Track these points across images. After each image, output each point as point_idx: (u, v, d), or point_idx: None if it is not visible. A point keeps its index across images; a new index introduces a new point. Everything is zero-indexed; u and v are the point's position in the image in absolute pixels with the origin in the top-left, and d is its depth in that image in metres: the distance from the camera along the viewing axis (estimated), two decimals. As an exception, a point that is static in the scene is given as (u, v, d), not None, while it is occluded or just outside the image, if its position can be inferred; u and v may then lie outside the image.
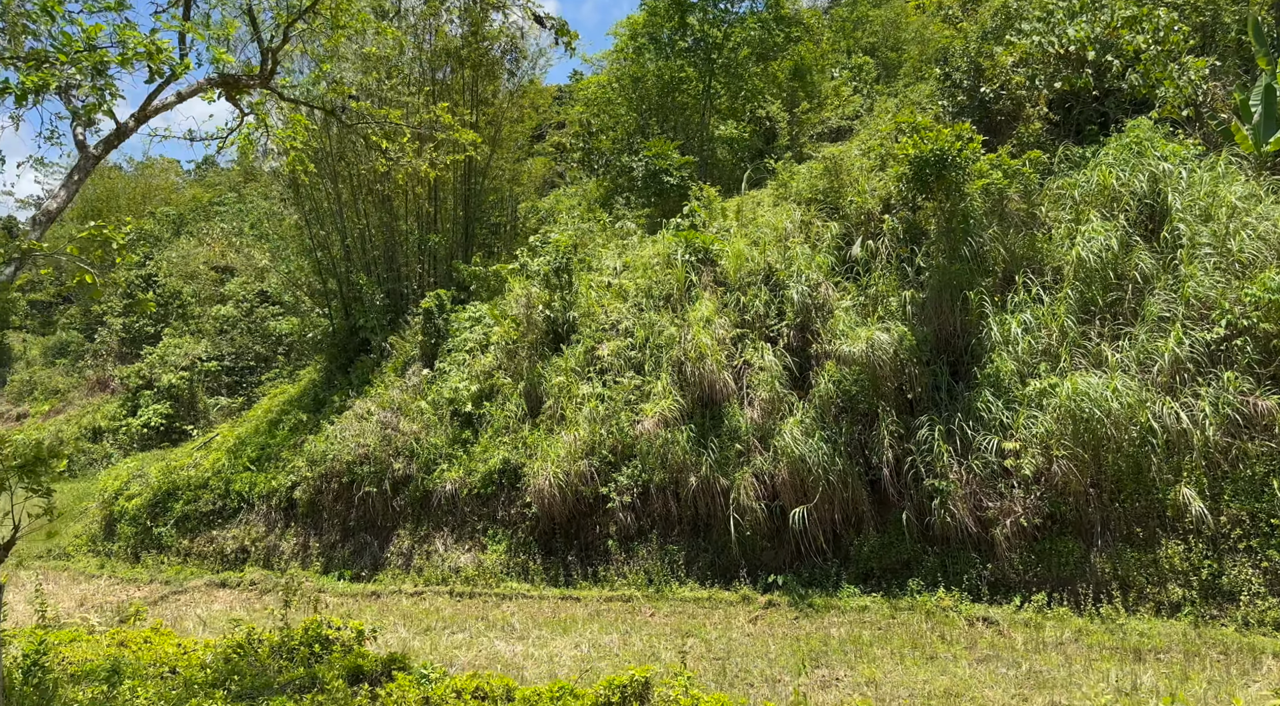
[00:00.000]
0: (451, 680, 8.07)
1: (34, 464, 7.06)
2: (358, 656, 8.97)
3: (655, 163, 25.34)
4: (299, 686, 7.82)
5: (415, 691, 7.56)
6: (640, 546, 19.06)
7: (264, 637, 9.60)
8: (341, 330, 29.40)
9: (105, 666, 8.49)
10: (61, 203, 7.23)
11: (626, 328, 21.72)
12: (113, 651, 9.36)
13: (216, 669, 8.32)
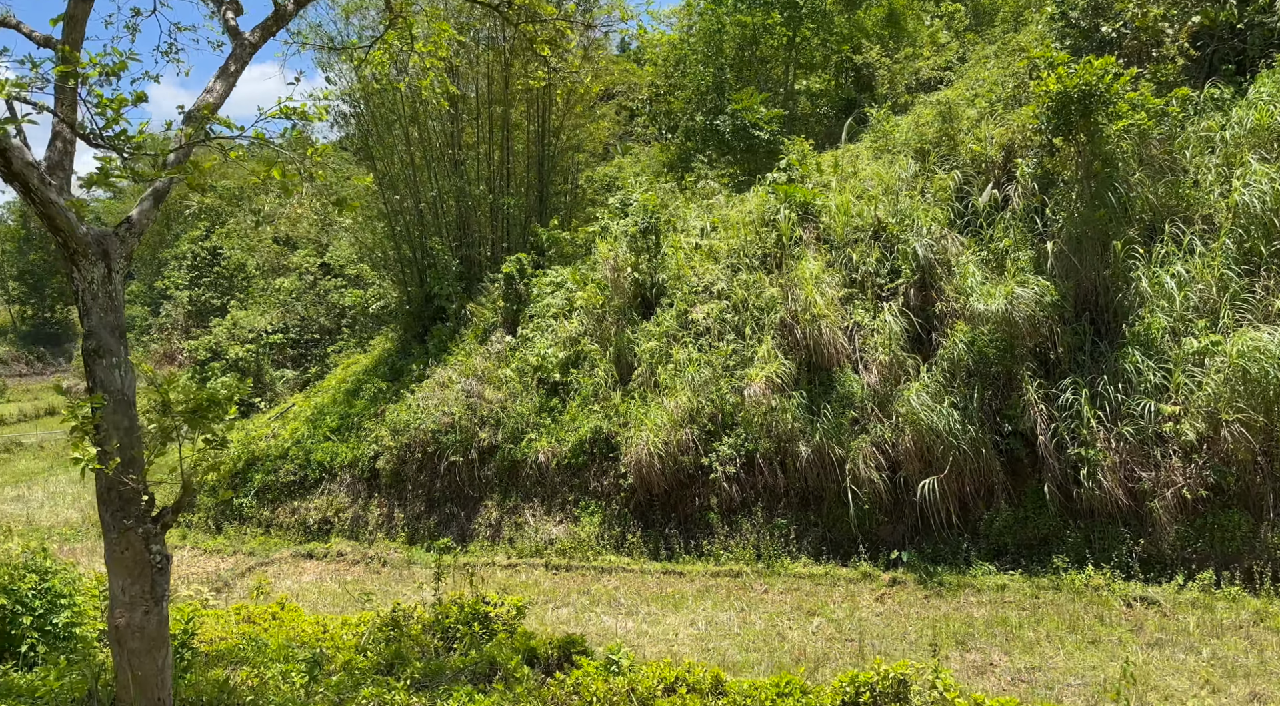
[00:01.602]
0: (647, 668, 7.13)
1: (206, 407, 6.18)
2: (526, 637, 8.09)
3: (744, 116, 23.97)
4: (476, 672, 6.95)
5: (602, 682, 6.60)
6: (744, 519, 18.02)
7: (415, 614, 8.78)
8: (416, 298, 28.66)
9: (244, 646, 7.75)
10: (218, 96, 6.36)
11: (721, 290, 20.55)
12: (244, 628, 8.61)
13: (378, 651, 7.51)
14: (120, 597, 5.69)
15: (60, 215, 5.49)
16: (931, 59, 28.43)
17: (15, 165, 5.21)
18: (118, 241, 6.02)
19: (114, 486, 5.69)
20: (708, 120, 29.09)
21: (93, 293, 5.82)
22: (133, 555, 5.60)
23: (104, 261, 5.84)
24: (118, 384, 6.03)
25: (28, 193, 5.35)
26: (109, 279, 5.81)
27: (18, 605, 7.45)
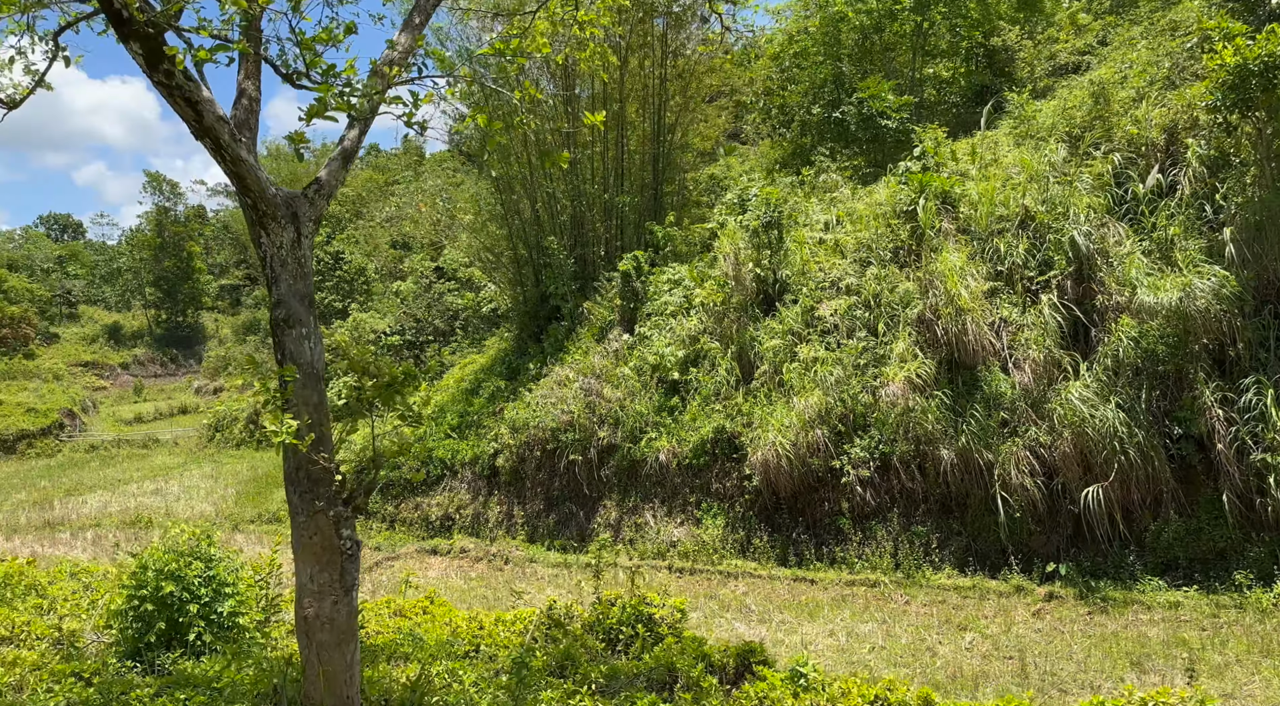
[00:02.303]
0: (842, 683, 6.53)
1: (401, 382, 5.93)
2: (697, 643, 7.62)
3: (871, 105, 23.00)
4: (653, 679, 6.51)
5: (793, 699, 6.05)
6: (878, 526, 17.12)
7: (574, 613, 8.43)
8: (532, 298, 28.72)
9: (401, 640, 7.52)
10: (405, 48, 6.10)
11: (849, 285, 19.67)
12: (397, 622, 8.41)
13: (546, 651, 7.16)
14: (308, 586, 5.41)
15: (250, 174, 5.27)
16: (1070, 42, 26.75)
17: (206, 119, 4.98)
18: (306, 203, 5.74)
19: (303, 466, 5.44)
20: (825, 112, 28.15)
21: (281, 258, 5.54)
22: (321, 540, 5.36)
23: (293, 225, 5.58)
24: (307, 356, 5.71)
25: (218, 149, 5.11)
26: (298, 243, 5.58)
27: (185, 592, 7.41)
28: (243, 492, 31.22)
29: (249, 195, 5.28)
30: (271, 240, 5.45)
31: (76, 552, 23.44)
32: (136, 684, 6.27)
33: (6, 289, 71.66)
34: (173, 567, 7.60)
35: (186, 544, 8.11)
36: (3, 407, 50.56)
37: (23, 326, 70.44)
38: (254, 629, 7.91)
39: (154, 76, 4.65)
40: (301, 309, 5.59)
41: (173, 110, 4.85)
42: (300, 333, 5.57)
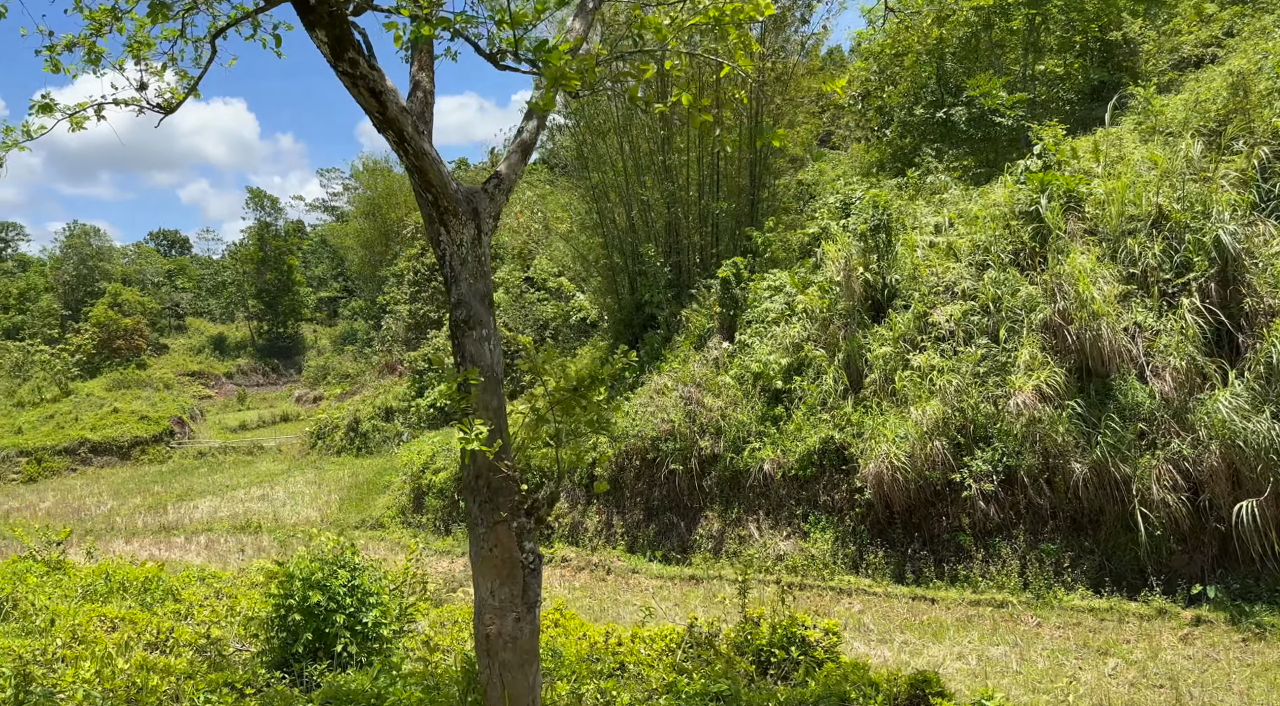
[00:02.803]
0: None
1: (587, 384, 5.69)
2: (860, 669, 7.20)
3: (983, 103, 22.09)
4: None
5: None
6: (1003, 543, 16.25)
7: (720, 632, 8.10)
8: (627, 306, 28.57)
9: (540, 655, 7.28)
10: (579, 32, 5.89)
11: (965, 289, 18.83)
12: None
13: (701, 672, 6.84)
14: (489, 601, 5.06)
15: (432, 168, 5.09)
16: (1194, 33, 25.28)
17: (390, 110, 4.81)
18: (487, 199, 5.55)
19: (483, 474, 5.22)
20: (929, 113, 27.26)
21: (461, 256, 5.34)
22: (502, 553, 5.11)
23: (474, 221, 5.38)
24: (487, 358, 5.48)
25: (401, 142, 4.95)
26: (478, 241, 5.38)
27: (332, 602, 7.33)
28: (346, 499, 31.91)
29: (430, 190, 5.10)
30: (451, 238, 5.25)
31: (190, 556, 24.22)
32: (294, 697, 6.18)
33: (121, 302, 75.46)
34: (318, 576, 7.52)
35: (331, 552, 8.04)
36: (119, 416, 53.14)
37: (136, 338, 74.19)
38: (392, 639, 7.78)
39: (338, 66, 4.52)
40: (482, 309, 5.37)
41: (356, 101, 4.72)
42: (481, 334, 5.35)
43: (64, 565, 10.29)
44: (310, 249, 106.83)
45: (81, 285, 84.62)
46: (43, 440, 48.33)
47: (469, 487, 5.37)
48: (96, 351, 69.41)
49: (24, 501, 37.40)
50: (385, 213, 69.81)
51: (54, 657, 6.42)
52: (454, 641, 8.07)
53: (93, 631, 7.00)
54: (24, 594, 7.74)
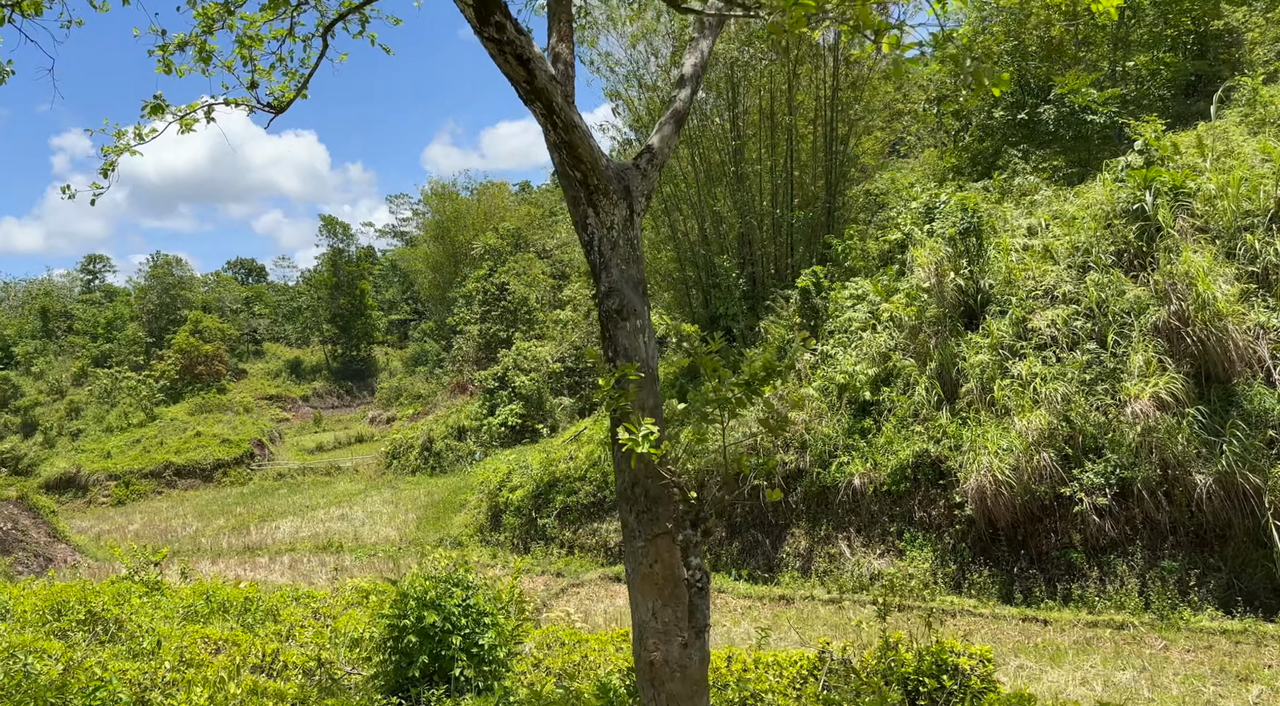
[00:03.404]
0: None
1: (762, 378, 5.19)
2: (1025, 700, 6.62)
3: (1072, 100, 21.16)
4: None
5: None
6: (1118, 560, 15.26)
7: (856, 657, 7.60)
8: (701, 319, 28.10)
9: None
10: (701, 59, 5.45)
11: (1066, 293, 17.91)
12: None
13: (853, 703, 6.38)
14: (650, 624, 4.60)
15: (583, 142, 4.69)
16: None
17: (539, 79, 4.45)
18: (639, 176, 5.10)
19: (640, 481, 4.83)
20: (1010, 114, 26.32)
21: (612, 240, 4.91)
22: (664, 570, 4.69)
23: (625, 201, 4.96)
24: (642, 352, 5.02)
25: (550, 113, 4.57)
26: (630, 222, 4.97)
27: (447, 623, 7.00)
28: (423, 518, 32.01)
29: (579, 167, 4.73)
30: (601, 219, 4.86)
31: (275, 576, 24.43)
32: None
33: (202, 329, 77.83)
34: (432, 595, 7.19)
35: (445, 569, 7.73)
36: (201, 439, 54.63)
37: (216, 363, 76.36)
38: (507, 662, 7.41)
39: (484, 32, 4.23)
40: (635, 298, 4.97)
41: (500, 69, 4.40)
42: (635, 325, 4.94)
43: (161, 585, 10.25)
44: (380, 273, 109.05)
45: (164, 313, 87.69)
46: (130, 464, 49.88)
47: (624, 496, 4.94)
48: (179, 377, 71.64)
49: (114, 524, 38.50)
50: (454, 235, 70.78)
51: (165, 682, 6.24)
52: (564, 664, 7.66)
53: (199, 653, 6.82)
54: (129, 615, 7.63)
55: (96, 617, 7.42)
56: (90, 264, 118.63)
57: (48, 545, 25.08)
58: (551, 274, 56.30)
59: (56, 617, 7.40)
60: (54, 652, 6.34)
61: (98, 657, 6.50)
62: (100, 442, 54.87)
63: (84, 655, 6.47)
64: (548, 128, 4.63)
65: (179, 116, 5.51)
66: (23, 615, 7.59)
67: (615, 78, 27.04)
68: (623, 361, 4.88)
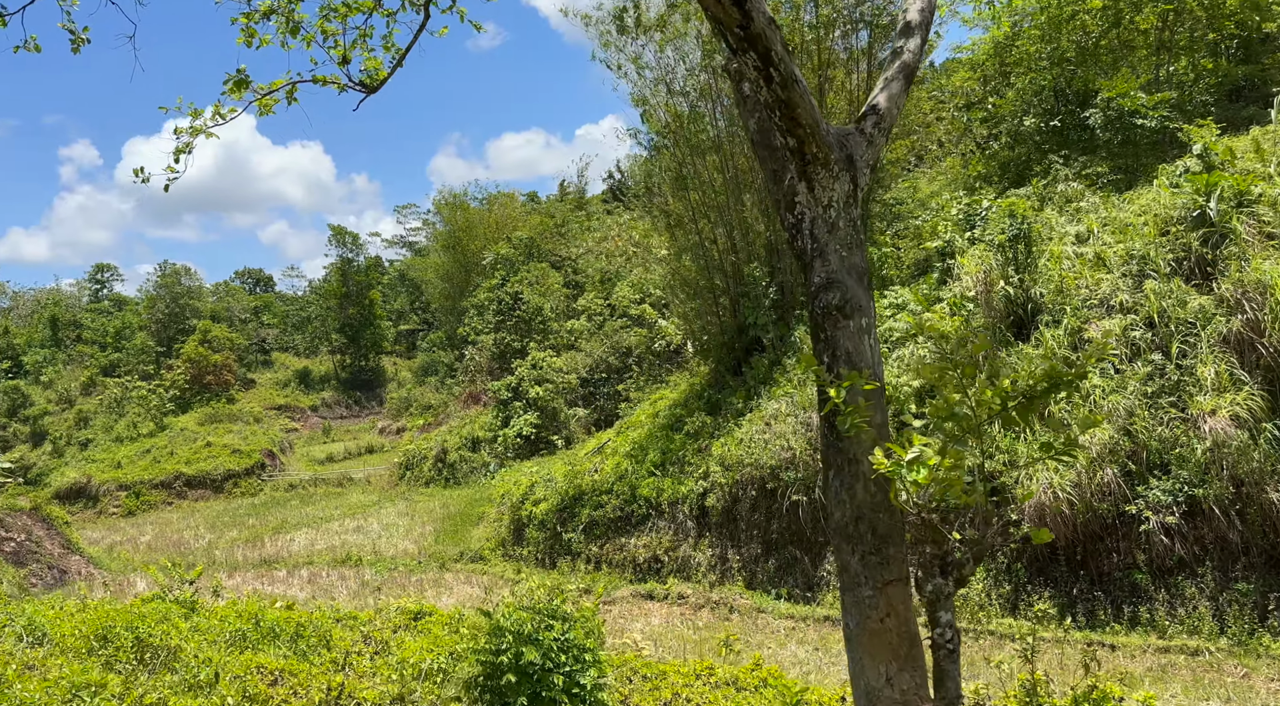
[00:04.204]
0: None
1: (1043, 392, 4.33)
2: None
3: (1121, 104, 20.58)
4: None
5: None
6: (1186, 582, 14.54)
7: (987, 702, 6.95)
8: (730, 329, 27.49)
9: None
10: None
11: (1122, 302, 17.27)
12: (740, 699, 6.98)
13: None
14: (883, 691, 3.81)
15: (804, 100, 3.91)
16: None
17: (756, 23, 3.69)
18: (863, 143, 4.37)
19: (866, 515, 4.17)
20: (1042, 121, 25.80)
21: (829, 221, 4.14)
22: (898, 625, 3.93)
23: (848, 173, 4.25)
24: (868, 357, 4.23)
25: (766, 64, 3.82)
26: (853, 199, 4.27)
27: (547, 660, 6.31)
28: (440, 530, 31.30)
29: (796, 131, 3.98)
30: (817, 196, 4.14)
31: (295, 591, 23.73)
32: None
33: (210, 338, 77.36)
34: (530, 629, 6.49)
35: (542, 600, 7.03)
36: (211, 449, 53.98)
37: (225, 373, 75.86)
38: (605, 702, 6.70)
39: None
40: (860, 291, 4.27)
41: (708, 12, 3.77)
42: (860, 324, 4.24)
43: (197, 605, 9.62)
44: (389, 284, 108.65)
45: (173, 322, 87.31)
46: (140, 474, 49.26)
47: (845, 534, 4.24)
48: (188, 386, 71.12)
49: (125, 535, 37.84)
50: (465, 245, 70.29)
51: (230, 724, 5.65)
52: (656, 703, 6.93)
53: (258, 686, 6.18)
54: (176, 640, 6.99)
55: (145, 644, 6.79)
56: (98, 273, 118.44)
57: (62, 557, 24.45)
58: (565, 284, 55.72)
59: (102, 644, 6.77)
60: (114, 689, 5.71)
61: (158, 693, 5.86)
62: (110, 452, 54.29)
63: (144, 691, 5.83)
64: (760, 83, 3.92)
65: (261, 95, 4.93)
66: (62, 640, 6.96)
67: (644, 82, 26.51)
68: (845, 368, 4.21)
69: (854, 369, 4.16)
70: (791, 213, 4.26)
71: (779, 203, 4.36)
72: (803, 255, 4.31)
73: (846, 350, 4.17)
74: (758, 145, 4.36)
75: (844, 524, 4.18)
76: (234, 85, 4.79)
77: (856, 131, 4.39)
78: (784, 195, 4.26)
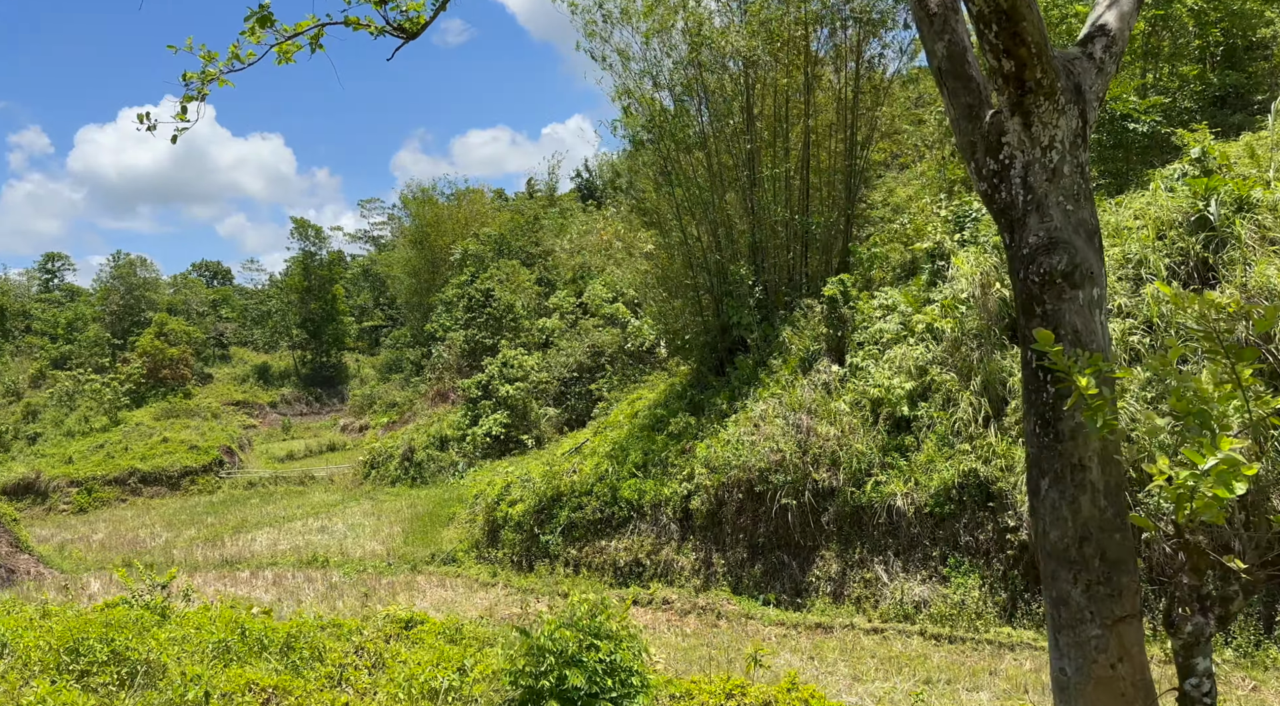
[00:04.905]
0: None
1: None
2: None
3: (1113, 107, 20.44)
4: None
5: None
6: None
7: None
8: (713, 329, 26.99)
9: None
10: None
11: (1120, 306, 17.06)
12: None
13: None
14: None
15: (1030, 11, 3.21)
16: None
17: None
18: (1093, 71, 3.66)
19: (1092, 536, 3.54)
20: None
21: (1048, 164, 3.43)
22: (1133, 672, 3.33)
23: (1076, 106, 3.54)
24: (1099, 336, 3.58)
25: None
26: (1082, 139, 3.55)
27: (592, 684, 5.63)
28: (409, 531, 30.36)
29: (1019, 50, 3.25)
30: (1034, 134, 3.42)
31: (260, 593, 22.75)
32: None
33: (167, 332, 75.16)
34: (574, 650, 5.81)
35: (585, 617, 6.33)
36: (168, 445, 52.22)
37: (181, 367, 73.76)
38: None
39: None
40: (1091, 255, 3.56)
41: None
42: (1091, 295, 3.53)
43: (169, 611, 8.83)
44: (352, 279, 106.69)
45: (128, 315, 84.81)
46: (93, 470, 47.45)
47: (1062, 557, 3.61)
48: (144, 380, 68.98)
49: (77, 533, 36.31)
50: (433, 240, 69.04)
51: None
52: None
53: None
54: (157, 653, 6.23)
55: (121, 658, 6.02)
56: (49, 262, 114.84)
57: (9, 556, 23.18)
58: (538, 281, 54.88)
59: (73, 658, 5.98)
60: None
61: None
62: (60, 447, 52.30)
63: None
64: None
65: (285, 37, 4.27)
66: (26, 652, 6.16)
67: (628, 74, 25.90)
68: (1072, 349, 3.59)
69: (1084, 349, 3.56)
70: (994, 158, 3.58)
71: (971, 146, 3.71)
72: (1009, 210, 3.63)
73: (1074, 327, 3.54)
74: (945, 75, 3.73)
75: (1063, 546, 3.61)
76: (256, 23, 4.13)
77: (1083, 56, 3.73)
78: (982, 136, 3.61)
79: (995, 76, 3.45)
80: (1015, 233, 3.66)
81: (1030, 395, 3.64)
